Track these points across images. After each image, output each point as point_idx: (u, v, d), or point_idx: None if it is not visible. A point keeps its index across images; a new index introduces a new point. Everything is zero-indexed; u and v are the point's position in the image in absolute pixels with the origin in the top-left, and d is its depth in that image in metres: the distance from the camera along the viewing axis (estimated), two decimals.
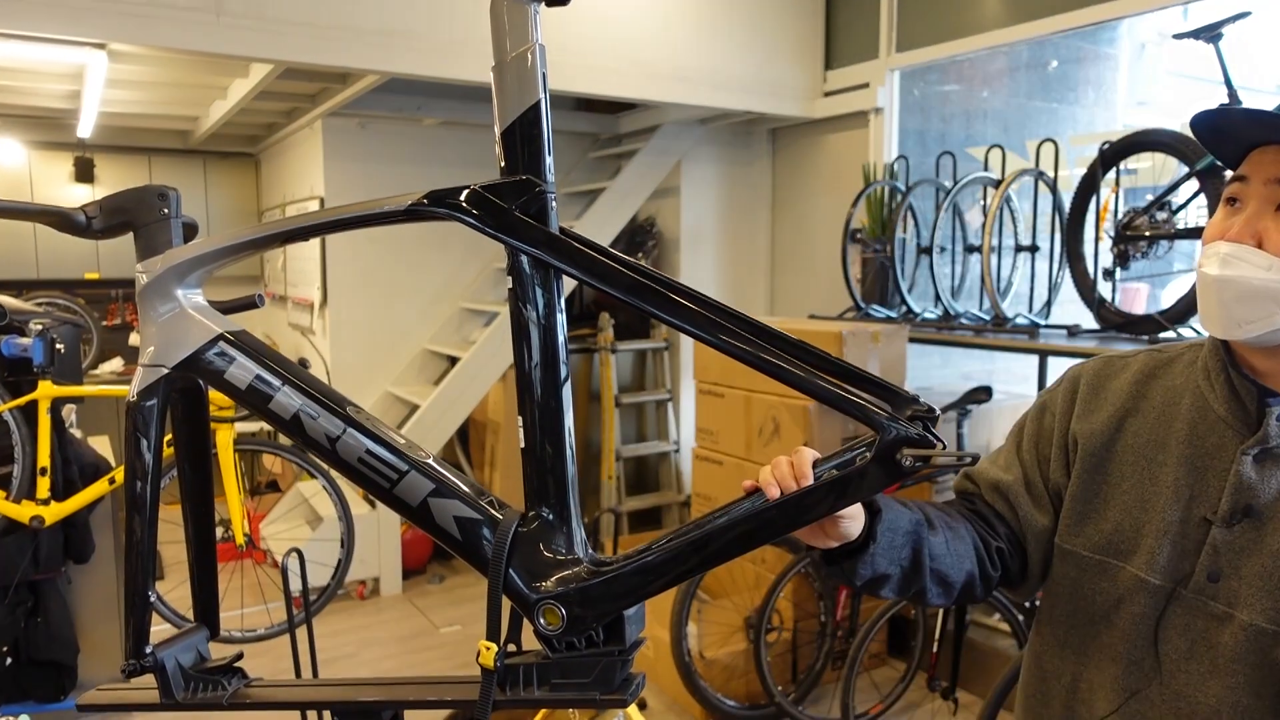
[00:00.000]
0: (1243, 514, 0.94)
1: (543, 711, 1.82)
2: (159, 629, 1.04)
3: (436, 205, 0.88)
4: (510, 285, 0.88)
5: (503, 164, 0.88)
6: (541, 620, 0.90)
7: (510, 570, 0.90)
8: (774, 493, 0.84)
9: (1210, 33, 2.82)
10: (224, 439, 2.68)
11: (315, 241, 4.57)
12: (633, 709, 1.83)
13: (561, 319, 0.89)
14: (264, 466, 5.45)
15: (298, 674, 2.08)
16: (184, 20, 2.98)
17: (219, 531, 2.84)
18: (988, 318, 3.50)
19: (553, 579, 0.90)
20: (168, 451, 1.11)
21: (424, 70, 3.38)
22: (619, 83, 3.87)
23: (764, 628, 2.91)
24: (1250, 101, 2.87)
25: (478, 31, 3.54)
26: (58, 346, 2.58)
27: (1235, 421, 0.97)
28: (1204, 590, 0.96)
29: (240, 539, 2.71)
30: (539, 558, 0.91)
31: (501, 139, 0.87)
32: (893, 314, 3.78)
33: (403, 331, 4.73)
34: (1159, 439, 1.02)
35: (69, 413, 2.99)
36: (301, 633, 2.14)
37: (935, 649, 2.76)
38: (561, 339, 0.89)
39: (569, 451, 0.92)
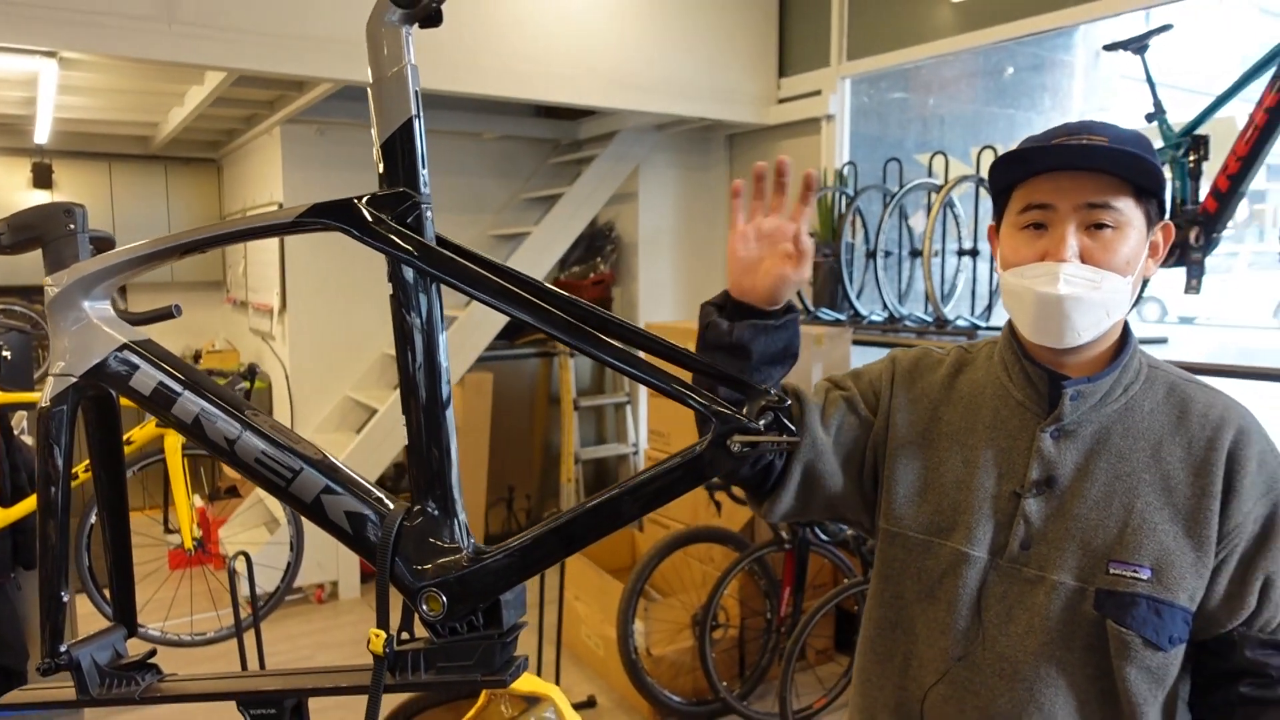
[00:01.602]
0: (1046, 485, 1.06)
1: (478, 706, 1.88)
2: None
3: (320, 217, 0.94)
4: (391, 292, 0.94)
5: (382, 175, 0.93)
6: (424, 607, 0.95)
7: (396, 560, 0.96)
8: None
9: (1137, 44, 2.93)
10: (172, 444, 2.70)
11: (274, 247, 4.60)
12: (563, 702, 1.89)
13: (440, 318, 0.95)
14: (224, 472, 5.45)
15: None
16: (136, 29, 3.00)
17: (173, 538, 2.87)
18: (931, 320, 3.59)
19: (435, 568, 0.95)
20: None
21: None
22: (576, 90, 3.93)
23: (709, 625, 2.97)
24: (1179, 99, 2.98)
25: (431, 40, 3.58)
26: (4, 353, 2.60)
27: (1032, 405, 1.09)
28: (1017, 558, 1.06)
29: (189, 543, 2.74)
30: (423, 548, 0.96)
31: (381, 153, 0.93)
32: (841, 317, 3.86)
33: (362, 336, 4.75)
34: (969, 425, 1.12)
35: (19, 419, 3.00)
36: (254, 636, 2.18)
37: None
38: (441, 341, 0.95)
39: (452, 448, 0.97)
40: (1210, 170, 2.67)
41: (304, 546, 3.01)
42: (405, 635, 1.01)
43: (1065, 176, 1.02)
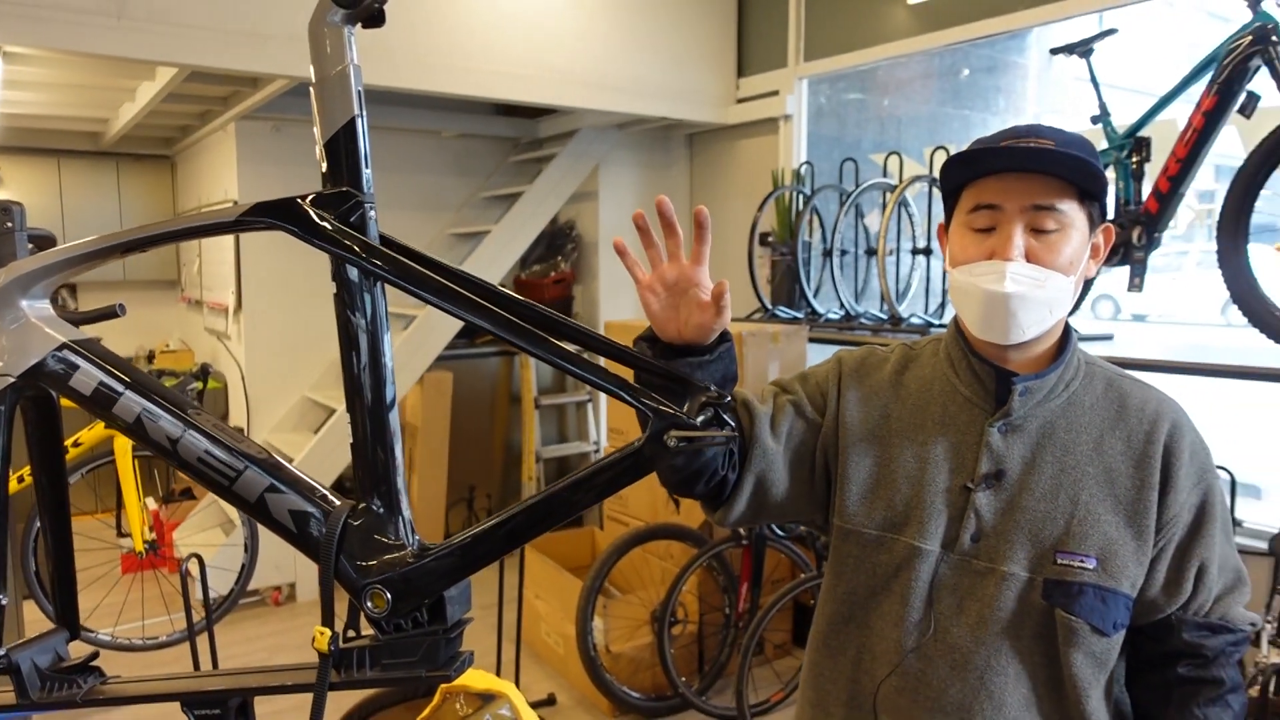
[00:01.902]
0: (995, 479, 1.09)
1: (433, 704, 1.87)
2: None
3: (263, 216, 0.94)
4: (335, 292, 0.94)
5: (325, 174, 0.93)
6: (369, 604, 0.96)
7: (341, 558, 0.96)
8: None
9: (1082, 48, 3.01)
10: (122, 445, 2.66)
11: (229, 245, 4.53)
12: (518, 698, 1.89)
13: (384, 318, 0.96)
14: (179, 474, 5.35)
15: None
16: (83, 22, 2.95)
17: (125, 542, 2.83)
18: (886, 318, 3.65)
19: (380, 565, 0.96)
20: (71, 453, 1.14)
21: None
22: (535, 89, 3.93)
23: (668, 621, 2.99)
24: (1131, 101, 3.06)
25: (385, 38, 3.56)
26: None
27: (980, 400, 1.12)
28: (968, 550, 1.09)
29: (140, 546, 2.70)
30: (368, 545, 0.97)
31: (324, 152, 0.93)
32: (798, 315, 3.90)
33: (320, 335, 4.70)
34: (919, 422, 1.15)
35: None
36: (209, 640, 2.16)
37: None
38: (386, 342, 0.96)
39: (396, 448, 0.98)
40: (1152, 171, 2.74)
41: (259, 548, 2.98)
42: (351, 633, 1.01)
43: (1013, 178, 1.05)
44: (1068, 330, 1.14)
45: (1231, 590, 1.10)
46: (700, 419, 0.91)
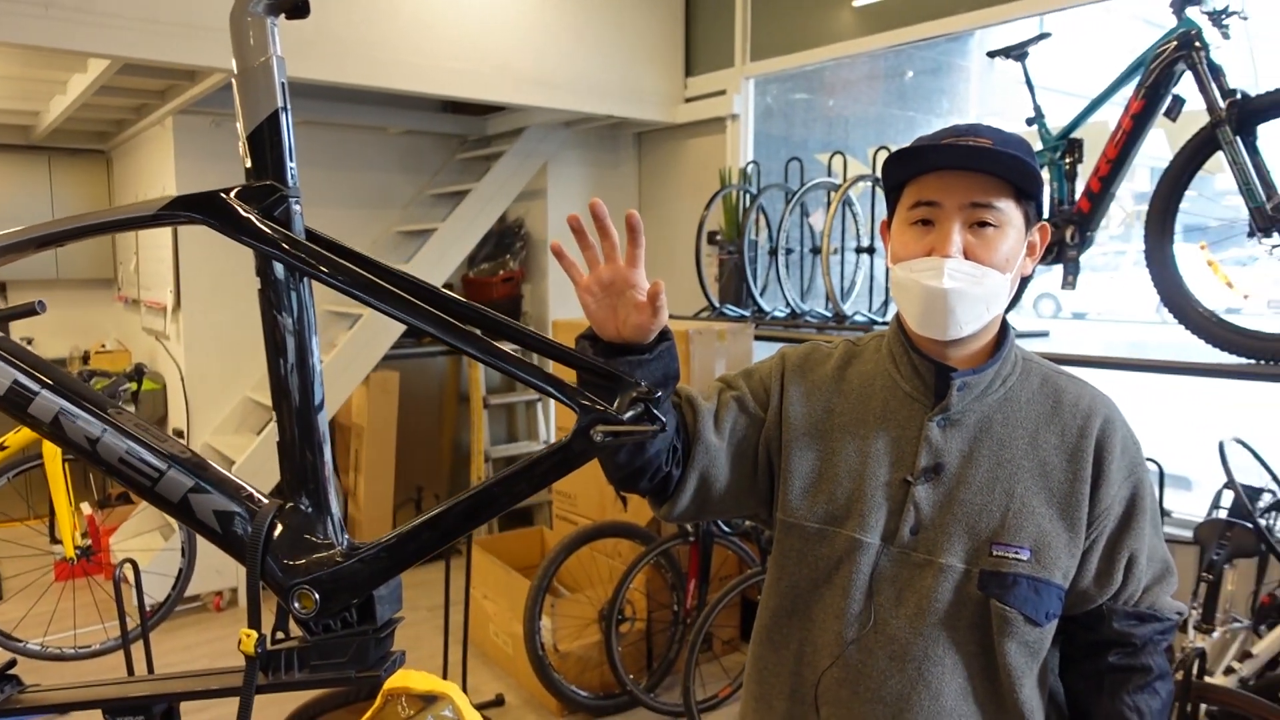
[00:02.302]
0: (934, 472, 1.10)
1: (374, 707, 1.85)
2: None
3: (184, 210, 0.92)
4: (259, 287, 0.92)
5: (249, 168, 0.92)
6: (296, 604, 0.94)
7: (267, 558, 0.95)
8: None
9: (1018, 51, 3.08)
10: (51, 448, 2.58)
11: (167, 242, 4.42)
12: (461, 699, 1.88)
13: (311, 317, 0.94)
14: None
15: None
16: (10, 11, 2.85)
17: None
18: (830, 316, 3.69)
19: (307, 564, 0.95)
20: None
21: None
22: (483, 86, 3.90)
23: (615, 619, 3.00)
24: (1067, 104, 3.14)
25: (328, 30, 3.51)
26: None
27: (920, 395, 1.14)
28: (908, 543, 1.11)
29: (70, 553, 2.62)
30: (296, 545, 0.95)
31: (247, 145, 0.91)
32: (745, 313, 3.93)
33: (262, 336, 4.61)
34: (861, 417, 1.16)
35: None
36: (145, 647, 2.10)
37: None
38: (313, 340, 0.94)
39: (325, 447, 0.97)
40: (1085, 172, 2.82)
41: (197, 552, 2.91)
42: (280, 634, 1.00)
43: (952, 176, 1.07)
44: (1005, 327, 1.16)
45: (1159, 580, 1.13)
46: (629, 414, 0.91)
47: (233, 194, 0.92)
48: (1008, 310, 1.17)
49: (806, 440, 1.17)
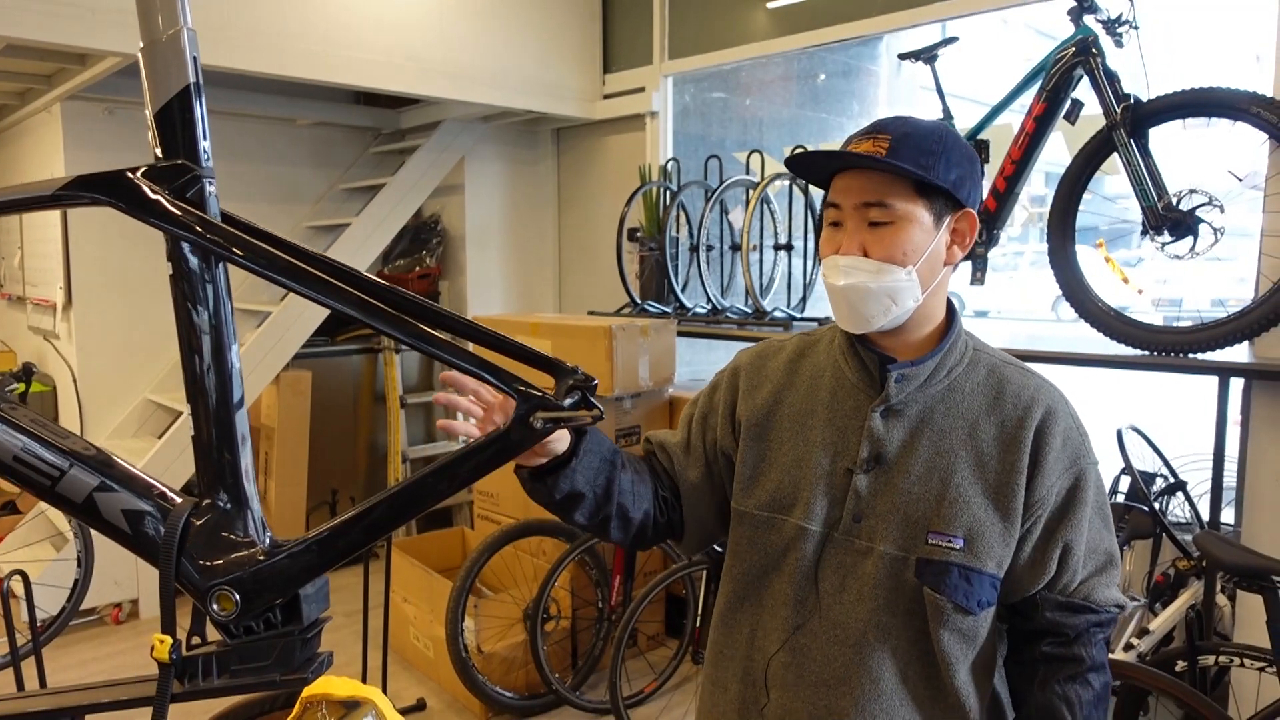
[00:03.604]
0: (875, 462, 1.13)
1: (294, 714, 1.78)
2: None
3: (86, 190, 0.86)
4: (170, 273, 0.87)
5: (157, 148, 0.86)
6: (215, 606, 0.89)
7: (183, 559, 0.89)
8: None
9: (927, 54, 3.17)
10: None
11: (56, 235, 4.17)
12: (384, 704, 1.82)
13: (228, 305, 0.89)
14: (2, 486, 4.89)
15: None
16: None
17: None
18: (750, 312, 3.74)
19: (227, 564, 0.90)
20: None
21: None
22: (395, 77, 3.80)
23: (540, 618, 2.97)
24: (969, 110, 3.26)
25: (233, 16, 3.36)
26: None
27: (865, 387, 1.16)
28: (850, 530, 1.13)
29: None
30: (213, 544, 0.90)
31: (155, 122, 0.86)
32: (667, 310, 3.95)
33: (163, 333, 4.38)
34: (809, 407, 1.19)
35: None
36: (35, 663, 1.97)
37: (698, 623, 2.93)
38: (228, 324, 0.90)
39: (242, 437, 0.92)
40: (991, 172, 2.93)
41: (94, 563, 2.75)
42: (196, 639, 0.94)
43: (850, 177, 1.11)
44: (951, 318, 1.17)
45: (1099, 572, 1.14)
46: (568, 401, 0.90)
47: (140, 173, 0.86)
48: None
49: (756, 430, 1.21)
